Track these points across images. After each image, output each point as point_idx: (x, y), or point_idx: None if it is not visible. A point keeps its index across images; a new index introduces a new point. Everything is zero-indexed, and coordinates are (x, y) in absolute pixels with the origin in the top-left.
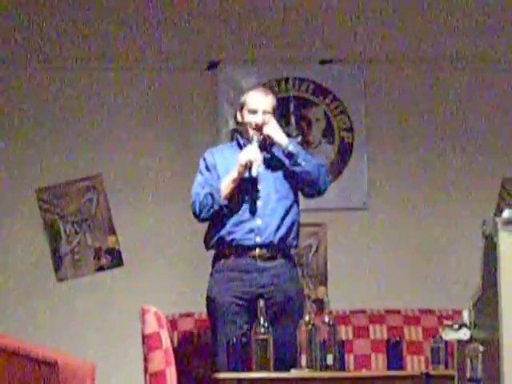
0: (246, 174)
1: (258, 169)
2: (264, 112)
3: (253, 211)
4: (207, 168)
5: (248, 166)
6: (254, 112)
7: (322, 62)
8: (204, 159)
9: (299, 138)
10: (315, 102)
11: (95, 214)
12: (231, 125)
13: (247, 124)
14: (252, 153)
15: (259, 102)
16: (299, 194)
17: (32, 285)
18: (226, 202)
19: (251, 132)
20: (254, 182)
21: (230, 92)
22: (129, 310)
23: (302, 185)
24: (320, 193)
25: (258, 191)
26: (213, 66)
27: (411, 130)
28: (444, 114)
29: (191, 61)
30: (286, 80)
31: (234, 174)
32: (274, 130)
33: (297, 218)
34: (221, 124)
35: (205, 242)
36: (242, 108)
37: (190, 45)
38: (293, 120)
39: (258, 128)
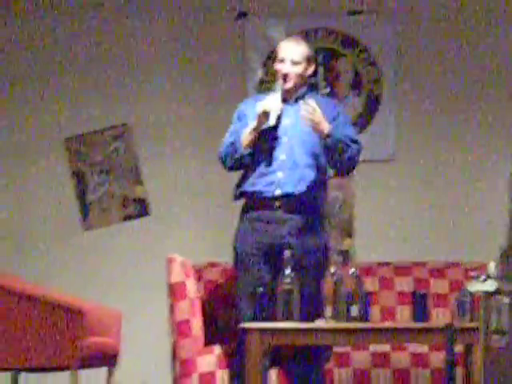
0: (266, 125)
1: (275, 119)
2: (292, 61)
3: (275, 163)
4: (238, 117)
5: (265, 116)
6: (282, 60)
7: (351, 13)
8: (238, 108)
9: (327, 90)
10: (343, 54)
11: (122, 163)
12: (259, 75)
13: (276, 72)
14: (270, 102)
15: (288, 51)
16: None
17: (60, 233)
18: (246, 152)
19: (279, 81)
20: (274, 132)
21: (258, 43)
22: (155, 259)
23: (329, 154)
24: (345, 169)
25: (281, 144)
26: (241, 16)
27: (440, 83)
28: (473, 68)
29: (220, 11)
30: (315, 31)
31: (253, 123)
32: (315, 120)
33: (323, 173)
34: (248, 74)
35: (233, 192)
36: (275, 57)
37: None
38: (321, 71)
39: (284, 77)
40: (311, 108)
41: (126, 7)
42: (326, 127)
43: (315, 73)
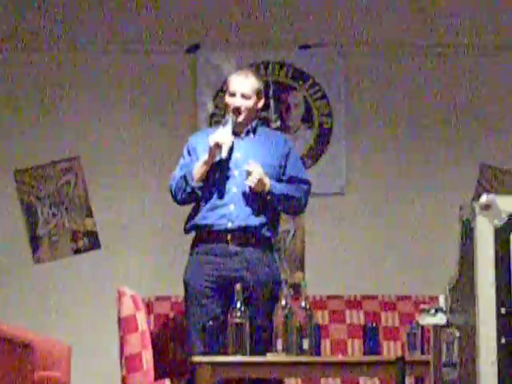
0: (218, 158)
1: (227, 152)
2: (243, 95)
3: (227, 196)
4: (188, 151)
5: (217, 148)
6: (232, 94)
7: (302, 47)
8: (188, 142)
9: (278, 123)
10: (294, 87)
11: (73, 196)
12: (210, 108)
13: (227, 106)
14: (222, 135)
15: (238, 85)
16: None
17: (9, 267)
18: (198, 185)
19: (228, 114)
20: (226, 164)
21: (210, 76)
22: (106, 293)
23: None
24: (292, 212)
25: (233, 176)
26: (193, 49)
27: (390, 115)
28: (423, 100)
29: (171, 44)
30: (266, 64)
31: (204, 157)
32: (257, 182)
33: (274, 207)
34: (200, 108)
35: (184, 226)
36: (226, 90)
37: (171, 27)
38: (272, 105)
39: (235, 111)
40: (254, 173)
41: (75, 39)
42: (266, 184)
43: (267, 106)
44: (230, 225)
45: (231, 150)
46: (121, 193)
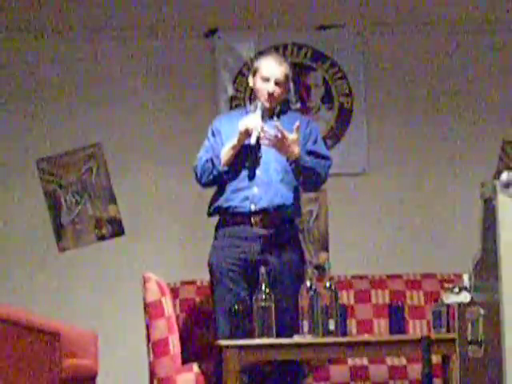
0: (246, 142)
1: (256, 137)
2: (277, 81)
3: (251, 179)
4: (213, 133)
5: (247, 134)
6: (266, 80)
7: (320, 28)
8: (211, 125)
9: (298, 105)
10: (314, 68)
11: (95, 183)
12: (229, 91)
13: (259, 91)
14: (252, 120)
15: (273, 71)
16: None
17: (34, 255)
18: (225, 169)
19: (260, 99)
20: (254, 149)
21: (228, 59)
22: (131, 279)
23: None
24: (311, 187)
25: (257, 159)
26: (211, 33)
27: (410, 94)
28: (443, 78)
29: (189, 28)
30: (285, 46)
31: (233, 141)
32: (283, 143)
33: (297, 188)
34: (219, 91)
35: (208, 209)
36: (254, 73)
37: (188, 12)
38: (292, 86)
39: (269, 97)
40: (279, 131)
41: (96, 28)
42: (295, 151)
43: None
44: (253, 207)
45: (259, 135)
46: (143, 178)
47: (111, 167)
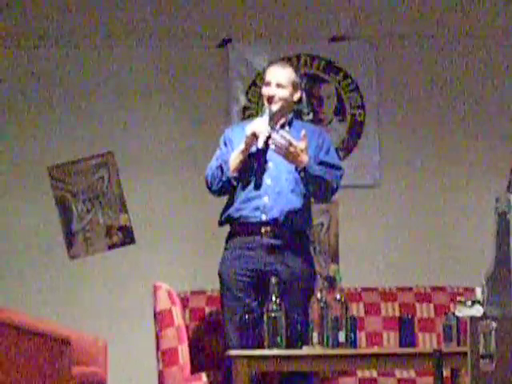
0: (254, 148)
1: (263, 141)
2: (278, 85)
3: (261, 188)
4: (225, 143)
5: (254, 137)
6: (267, 84)
7: (333, 39)
8: (224, 134)
9: (310, 116)
10: (326, 80)
11: (107, 191)
12: (242, 101)
13: (263, 95)
14: (259, 124)
15: (273, 75)
16: None
17: (44, 263)
18: (234, 175)
19: (265, 104)
20: (262, 156)
21: (241, 69)
22: (141, 288)
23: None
24: (321, 198)
25: (268, 168)
26: (224, 43)
27: (423, 106)
28: (456, 90)
29: (203, 38)
30: (297, 57)
31: (241, 146)
32: (291, 151)
33: (308, 199)
34: (231, 101)
35: (219, 219)
36: (262, 82)
37: (202, 22)
38: (304, 97)
39: (269, 100)
40: (286, 140)
41: (109, 35)
42: (304, 160)
43: (299, 99)
44: (264, 217)
45: (266, 141)
46: (155, 187)
47: (123, 176)
